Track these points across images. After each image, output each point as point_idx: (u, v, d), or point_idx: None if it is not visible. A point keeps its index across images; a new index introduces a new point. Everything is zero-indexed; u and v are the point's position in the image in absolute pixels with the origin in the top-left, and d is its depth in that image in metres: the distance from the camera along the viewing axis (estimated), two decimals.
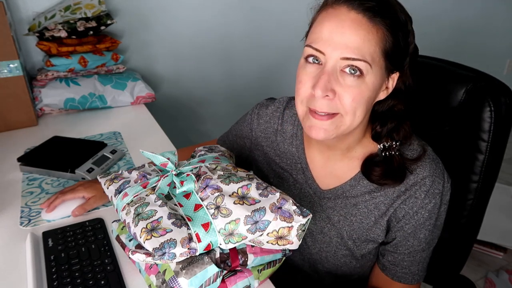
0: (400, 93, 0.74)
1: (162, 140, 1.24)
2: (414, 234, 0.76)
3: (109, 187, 0.77)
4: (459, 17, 2.52)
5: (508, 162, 2.41)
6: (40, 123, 1.36)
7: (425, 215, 0.74)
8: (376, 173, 0.75)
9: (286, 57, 2.04)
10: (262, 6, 1.90)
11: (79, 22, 1.38)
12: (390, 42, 0.66)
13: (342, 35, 0.65)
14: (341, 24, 0.65)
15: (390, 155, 0.75)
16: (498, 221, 1.99)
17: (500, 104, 0.82)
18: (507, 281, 1.76)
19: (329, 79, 0.66)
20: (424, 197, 0.73)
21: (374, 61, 0.66)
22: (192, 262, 0.63)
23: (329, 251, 0.82)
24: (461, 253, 0.95)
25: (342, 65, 0.66)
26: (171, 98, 1.84)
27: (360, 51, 0.64)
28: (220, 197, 0.66)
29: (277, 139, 0.89)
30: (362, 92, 0.67)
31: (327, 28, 0.66)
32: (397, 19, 0.67)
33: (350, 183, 0.79)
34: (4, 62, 1.22)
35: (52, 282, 0.70)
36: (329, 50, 0.66)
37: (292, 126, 0.88)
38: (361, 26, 0.64)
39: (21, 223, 0.87)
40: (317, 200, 0.83)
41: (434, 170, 0.74)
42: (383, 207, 0.77)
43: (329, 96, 0.67)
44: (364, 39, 0.64)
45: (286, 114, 0.89)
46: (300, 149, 0.86)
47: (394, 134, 0.75)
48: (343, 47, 0.65)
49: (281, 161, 0.89)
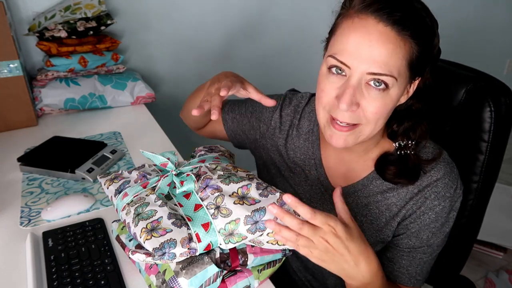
0: (420, 92, 0.73)
1: (162, 140, 1.23)
2: (417, 234, 0.75)
3: (109, 187, 0.77)
4: (459, 17, 2.52)
5: (508, 162, 2.41)
6: (40, 123, 1.36)
7: (431, 216, 0.74)
8: (390, 171, 0.74)
9: (286, 57, 2.04)
10: (262, 6, 1.90)
11: (79, 22, 1.38)
12: (416, 52, 0.64)
13: (369, 49, 0.62)
14: (368, 37, 0.62)
15: (406, 154, 0.74)
16: (498, 221, 1.99)
17: (500, 104, 0.82)
18: (507, 281, 1.76)
19: (354, 93, 0.65)
20: (433, 198, 0.73)
21: (400, 75, 0.65)
22: (192, 262, 0.63)
23: None
24: (461, 253, 0.95)
25: (367, 79, 0.65)
26: (171, 98, 1.84)
27: (387, 66, 0.63)
28: (220, 197, 0.66)
29: (293, 133, 0.88)
30: (386, 104, 0.66)
31: (354, 40, 0.63)
32: (424, 26, 0.65)
33: (362, 182, 0.79)
34: (4, 62, 1.21)
35: (52, 282, 0.70)
36: (355, 64, 0.64)
37: (309, 122, 0.87)
38: (389, 40, 0.62)
39: (21, 223, 0.87)
40: (328, 198, 0.82)
41: (448, 173, 0.73)
42: (394, 208, 0.76)
43: (353, 109, 0.66)
44: (392, 53, 0.62)
45: (305, 110, 0.88)
46: (315, 145, 0.85)
47: (410, 133, 0.74)
48: (369, 61, 0.63)
49: (294, 155, 0.88)
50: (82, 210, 0.90)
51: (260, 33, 1.95)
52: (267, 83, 2.08)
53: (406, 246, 0.77)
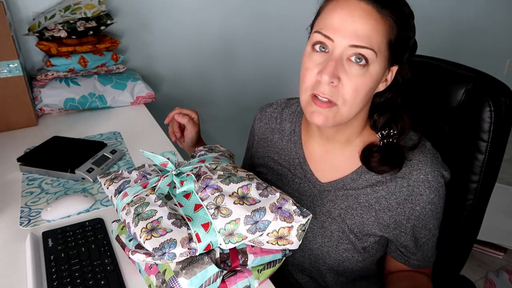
0: (398, 86, 0.76)
1: (162, 140, 1.23)
2: (425, 226, 0.79)
3: (109, 187, 0.77)
4: (459, 17, 2.53)
5: (508, 162, 2.42)
6: (40, 123, 1.36)
7: (432, 208, 0.77)
8: (374, 159, 0.76)
9: (286, 57, 2.04)
10: (263, 7, 1.90)
11: (79, 22, 1.38)
12: (395, 34, 0.69)
13: (352, 24, 0.67)
14: (351, 13, 0.67)
15: (389, 142, 0.77)
16: (498, 221, 1.99)
17: (500, 104, 0.82)
18: (507, 281, 1.76)
19: (336, 66, 0.68)
20: (429, 193, 0.75)
21: (380, 50, 0.68)
22: (192, 262, 0.63)
23: (330, 246, 0.82)
24: (461, 253, 0.95)
25: (349, 53, 0.68)
26: (171, 98, 1.84)
27: (368, 40, 0.67)
28: (220, 197, 0.66)
29: (275, 137, 0.92)
30: (365, 81, 0.69)
31: (338, 16, 0.68)
32: (402, 12, 0.70)
33: (351, 177, 0.80)
34: (4, 62, 1.22)
35: (52, 282, 0.70)
36: (339, 37, 0.67)
37: (291, 123, 0.90)
38: (371, 16, 0.67)
39: (21, 223, 0.87)
40: (317, 193, 0.84)
41: (435, 165, 0.76)
42: (384, 201, 0.77)
43: (334, 83, 0.69)
44: (373, 28, 0.67)
45: (285, 113, 0.92)
46: (298, 144, 0.87)
47: (392, 124, 0.77)
48: (353, 35, 0.67)
49: (279, 158, 0.90)
50: (82, 210, 0.90)
51: (261, 33, 1.95)
52: (267, 83, 2.08)
53: (421, 237, 0.80)
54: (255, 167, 0.98)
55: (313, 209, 0.83)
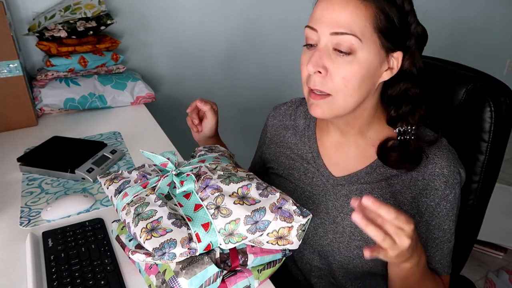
0: (412, 76, 0.75)
1: (162, 140, 1.23)
2: (439, 226, 0.76)
3: (109, 187, 0.77)
4: (459, 17, 2.52)
5: (508, 162, 2.41)
6: (40, 123, 1.36)
7: (447, 206, 0.75)
8: (392, 158, 0.76)
9: (287, 58, 2.04)
10: (263, 7, 1.90)
11: (79, 22, 1.38)
12: (382, 19, 0.69)
13: (332, 12, 0.69)
14: (331, 3, 0.69)
15: (406, 139, 0.76)
16: (499, 222, 1.99)
17: (500, 104, 0.82)
18: (507, 281, 1.76)
19: (320, 56, 0.70)
20: (444, 188, 0.74)
21: (364, 36, 0.68)
22: (192, 262, 0.63)
23: (342, 242, 0.80)
24: (461, 253, 0.95)
25: (333, 42, 0.69)
26: (171, 98, 1.84)
27: (349, 26, 0.68)
28: (220, 197, 0.66)
29: (288, 133, 0.93)
30: (353, 69, 0.69)
31: (320, 7, 0.71)
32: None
33: (366, 171, 0.80)
34: (4, 62, 1.22)
35: (52, 282, 0.70)
36: (321, 27, 0.70)
37: (305, 119, 0.92)
38: (349, 3, 0.68)
39: (21, 223, 0.87)
40: (331, 187, 0.83)
41: (451, 160, 0.75)
42: (399, 196, 0.77)
43: (322, 73, 0.70)
44: (352, 14, 0.68)
45: (300, 110, 0.94)
46: (312, 139, 0.88)
47: (409, 117, 0.76)
48: (332, 22, 0.69)
49: (291, 152, 0.91)
50: (82, 210, 0.90)
51: (261, 33, 1.95)
52: (267, 83, 2.08)
53: (432, 241, 0.77)
54: (266, 163, 0.98)
55: (325, 203, 0.82)
